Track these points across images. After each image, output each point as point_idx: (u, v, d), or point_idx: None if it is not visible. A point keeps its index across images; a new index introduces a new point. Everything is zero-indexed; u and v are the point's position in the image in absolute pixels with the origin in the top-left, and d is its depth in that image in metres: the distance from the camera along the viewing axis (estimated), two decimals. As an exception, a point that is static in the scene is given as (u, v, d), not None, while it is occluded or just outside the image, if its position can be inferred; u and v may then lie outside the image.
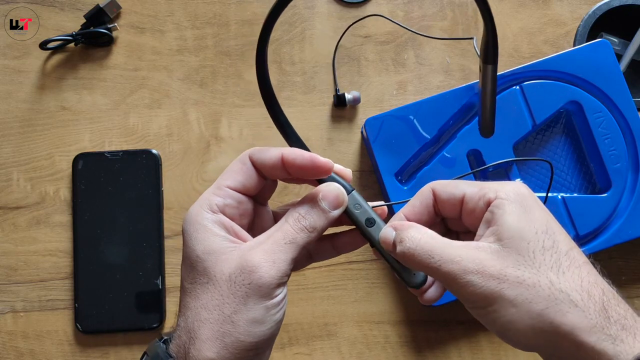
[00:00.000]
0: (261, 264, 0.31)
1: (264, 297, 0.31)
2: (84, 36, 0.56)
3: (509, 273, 0.30)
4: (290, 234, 0.33)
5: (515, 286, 0.29)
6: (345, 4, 0.58)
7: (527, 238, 0.30)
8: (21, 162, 0.56)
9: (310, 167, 0.33)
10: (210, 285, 0.32)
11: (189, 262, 0.33)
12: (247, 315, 0.31)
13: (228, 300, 0.31)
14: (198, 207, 0.33)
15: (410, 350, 0.54)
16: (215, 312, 0.31)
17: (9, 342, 0.54)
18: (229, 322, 0.31)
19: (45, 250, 0.55)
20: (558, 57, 0.52)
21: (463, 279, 0.30)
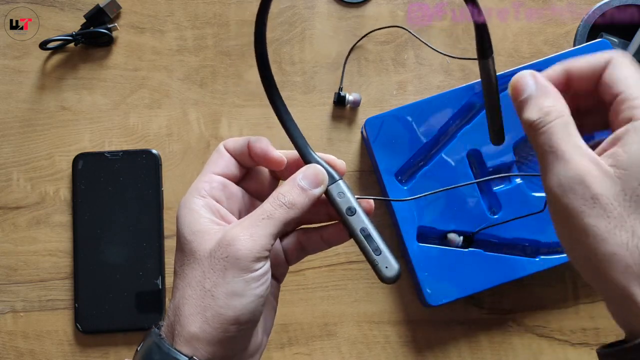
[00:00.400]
0: (239, 237, 0.32)
1: (242, 270, 0.32)
2: (84, 36, 0.56)
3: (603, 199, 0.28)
4: (268, 210, 0.33)
5: (597, 216, 0.28)
6: (345, 4, 0.58)
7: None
8: (21, 162, 0.56)
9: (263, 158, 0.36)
10: (194, 264, 0.33)
11: (179, 245, 0.34)
12: (226, 288, 0.32)
13: (208, 275, 0.32)
14: (188, 194, 0.35)
15: (410, 350, 0.54)
16: (197, 288, 0.32)
17: (9, 342, 0.54)
18: (209, 296, 0.32)
19: (45, 250, 0.55)
20: (558, 57, 0.52)
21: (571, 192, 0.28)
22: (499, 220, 0.51)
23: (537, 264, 0.51)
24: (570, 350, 0.54)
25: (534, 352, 0.54)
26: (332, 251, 0.55)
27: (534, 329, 0.54)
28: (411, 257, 0.51)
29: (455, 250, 0.51)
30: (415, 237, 0.51)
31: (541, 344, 0.54)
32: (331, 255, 0.55)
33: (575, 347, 0.54)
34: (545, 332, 0.54)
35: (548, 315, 0.54)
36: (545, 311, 0.54)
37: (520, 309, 0.55)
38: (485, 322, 0.54)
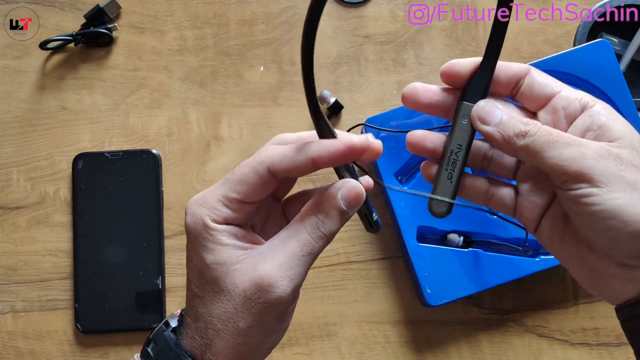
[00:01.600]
0: (278, 283, 0.29)
1: (281, 312, 0.31)
2: (84, 36, 0.56)
3: (627, 159, 0.29)
4: (308, 244, 0.30)
5: (634, 171, 0.29)
6: (345, 4, 0.58)
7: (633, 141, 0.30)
8: (21, 162, 0.56)
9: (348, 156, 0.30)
10: (222, 297, 0.30)
11: (197, 269, 0.31)
12: (263, 329, 0.31)
13: (243, 316, 0.30)
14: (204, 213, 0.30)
15: (410, 350, 0.54)
16: (230, 325, 0.30)
17: (9, 342, 0.54)
18: (243, 335, 0.30)
19: (45, 250, 0.55)
20: (558, 57, 0.52)
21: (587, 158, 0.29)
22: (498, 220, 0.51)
23: (537, 264, 0.51)
24: (570, 350, 0.54)
25: (534, 352, 0.54)
26: (332, 251, 0.55)
27: (534, 329, 0.54)
28: (411, 257, 0.51)
29: (455, 250, 0.51)
30: (415, 237, 0.51)
31: (541, 344, 0.54)
32: (331, 255, 0.55)
33: (575, 347, 0.54)
34: (545, 332, 0.54)
35: (548, 315, 0.54)
36: (545, 311, 0.54)
37: (520, 309, 0.55)
38: (485, 322, 0.54)
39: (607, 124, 0.31)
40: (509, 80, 0.33)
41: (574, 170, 0.29)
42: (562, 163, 0.29)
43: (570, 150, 0.29)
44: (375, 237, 0.55)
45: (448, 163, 0.33)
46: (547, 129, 0.31)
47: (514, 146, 0.31)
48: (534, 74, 0.33)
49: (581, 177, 0.29)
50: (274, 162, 0.30)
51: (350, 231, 0.55)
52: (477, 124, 0.32)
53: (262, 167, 0.30)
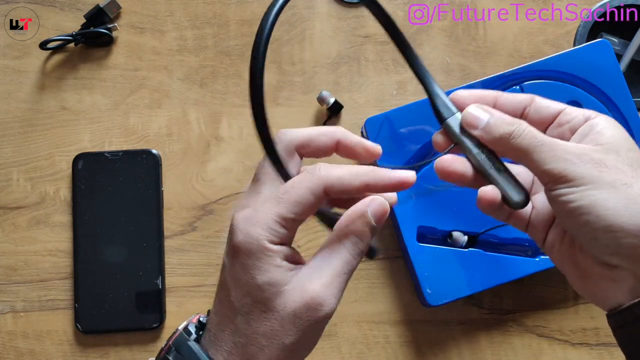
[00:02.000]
0: (327, 301, 0.31)
1: (323, 327, 0.32)
2: (84, 36, 0.56)
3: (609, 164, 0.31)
4: (349, 263, 0.32)
5: (614, 172, 0.30)
6: (345, 4, 0.58)
7: (626, 147, 0.32)
8: (21, 162, 0.56)
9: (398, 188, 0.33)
10: (270, 315, 0.31)
11: (245, 288, 0.31)
12: (306, 343, 0.32)
13: (290, 332, 0.31)
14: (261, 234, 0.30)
15: (410, 350, 0.54)
16: (275, 342, 0.31)
17: (9, 342, 0.54)
18: (287, 350, 0.31)
19: (45, 250, 0.55)
20: (558, 57, 0.52)
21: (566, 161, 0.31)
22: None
23: (537, 264, 0.51)
24: (570, 350, 0.54)
25: (534, 352, 0.54)
26: (332, 251, 0.55)
27: (534, 329, 0.54)
28: (411, 257, 0.51)
29: (455, 250, 0.51)
30: (415, 237, 0.51)
31: (541, 344, 0.54)
32: (331, 255, 0.55)
33: (575, 347, 0.54)
34: (545, 332, 0.54)
35: (548, 315, 0.54)
36: (545, 311, 0.54)
37: (520, 309, 0.55)
38: (485, 322, 0.54)
39: (603, 130, 0.32)
40: (515, 109, 0.35)
41: (556, 172, 0.31)
42: (545, 165, 0.31)
43: (553, 153, 0.31)
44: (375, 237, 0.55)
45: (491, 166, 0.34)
46: (533, 131, 0.32)
47: (502, 147, 0.33)
48: (539, 100, 0.35)
49: (562, 178, 0.31)
50: (331, 184, 0.31)
51: (350, 231, 0.55)
52: (466, 128, 0.34)
53: (319, 188, 0.31)
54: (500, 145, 0.33)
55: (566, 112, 0.34)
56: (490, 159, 0.34)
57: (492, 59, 0.57)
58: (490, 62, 0.57)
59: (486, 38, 0.57)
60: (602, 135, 0.32)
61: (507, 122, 0.33)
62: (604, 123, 0.33)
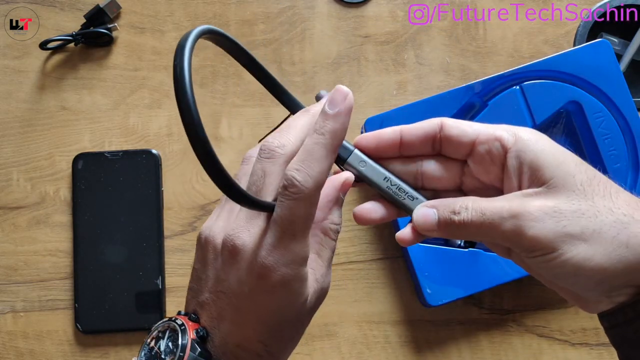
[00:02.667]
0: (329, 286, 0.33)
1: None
2: (84, 36, 0.56)
3: (566, 209, 0.28)
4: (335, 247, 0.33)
5: (577, 220, 0.28)
6: (345, 4, 0.58)
7: (571, 172, 0.29)
8: (21, 162, 0.56)
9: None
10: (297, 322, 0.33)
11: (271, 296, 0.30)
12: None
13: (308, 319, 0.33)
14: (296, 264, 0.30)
15: (410, 350, 0.54)
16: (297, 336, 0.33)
17: (9, 342, 0.54)
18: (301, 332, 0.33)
19: (45, 250, 0.55)
20: (558, 57, 0.52)
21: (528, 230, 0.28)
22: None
23: (537, 264, 0.51)
24: (570, 350, 0.54)
25: (534, 352, 0.54)
26: (332, 251, 0.55)
27: (534, 329, 0.54)
28: (411, 257, 0.51)
29: (455, 250, 0.51)
30: (415, 237, 0.51)
31: (541, 344, 0.54)
32: (331, 255, 0.55)
33: (575, 347, 0.54)
34: (545, 332, 0.54)
35: (548, 315, 0.54)
36: (545, 311, 0.54)
37: (520, 309, 0.55)
38: (485, 322, 0.54)
39: (535, 162, 0.29)
40: (423, 140, 0.32)
41: (523, 244, 0.29)
42: (509, 241, 0.29)
43: (509, 224, 0.29)
44: (375, 237, 0.55)
45: (397, 194, 0.33)
46: (477, 209, 0.30)
47: (458, 234, 0.31)
48: (447, 126, 0.32)
49: (532, 247, 0.29)
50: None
51: (350, 231, 0.55)
52: (427, 235, 0.32)
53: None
54: (459, 236, 0.31)
55: (479, 140, 0.31)
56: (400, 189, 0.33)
57: (492, 59, 0.57)
58: (490, 62, 0.57)
59: (486, 38, 0.57)
60: (540, 169, 0.29)
61: (451, 211, 0.30)
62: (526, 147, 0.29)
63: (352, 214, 0.34)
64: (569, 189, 0.29)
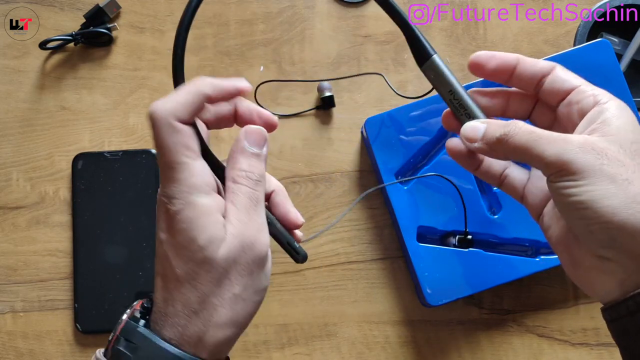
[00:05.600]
0: (258, 239, 0.33)
1: (265, 266, 0.33)
2: (83, 36, 0.56)
3: (611, 155, 0.30)
4: (253, 196, 0.33)
5: (615, 166, 0.30)
6: (345, 3, 0.58)
7: (631, 138, 0.31)
8: (21, 162, 0.56)
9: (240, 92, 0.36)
10: (213, 270, 0.32)
11: (186, 253, 0.31)
12: (253, 287, 0.33)
13: (236, 282, 0.32)
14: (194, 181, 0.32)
15: (410, 350, 0.54)
16: (226, 296, 0.32)
17: (8, 342, 0.54)
18: (240, 300, 0.33)
19: (45, 250, 0.55)
20: (558, 57, 0.52)
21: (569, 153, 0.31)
22: (498, 220, 0.52)
23: (537, 264, 0.51)
24: (570, 350, 0.54)
25: (534, 352, 0.54)
26: (332, 251, 0.55)
27: (534, 329, 0.54)
28: (411, 257, 0.51)
29: (455, 250, 0.51)
30: (415, 237, 0.51)
31: (541, 344, 0.54)
32: (331, 255, 0.55)
33: (575, 347, 0.54)
34: (545, 332, 0.54)
35: (548, 315, 0.54)
36: (545, 311, 0.54)
37: (520, 309, 0.55)
38: (485, 322, 0.54)
39: (609, 119, 0.32)
40: (533, 76, 0.35)
41: (557, 164, 0.31)
42: (546, 159, 0.31)
43: (553, 145, 0.31)
44: (375, 237, 0.55)
45: (458, 109, 0.36)
46: (528, 127, 0.32)
47: (500, 150, 0.33)
48: (558, 71, 0.35)
49: (563, 170, 0.31)
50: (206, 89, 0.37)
51: (350, 231, 0.55)
52: (468, 146, 0.35)
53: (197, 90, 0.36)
54: (500, 148, 0.33)
55: (579, 90, 0.34)
56: (460, 105, 0.36)
57: (492, 59, 0.57)
58: (490, 62, 0.57)
59: (486, 38, 0.57)
60: (607, 125, 0.32)
61: (501, 125, 0.33)
62: (612, 110, 0.32)
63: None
64: (622, 146, 0.31)
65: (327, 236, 0.55)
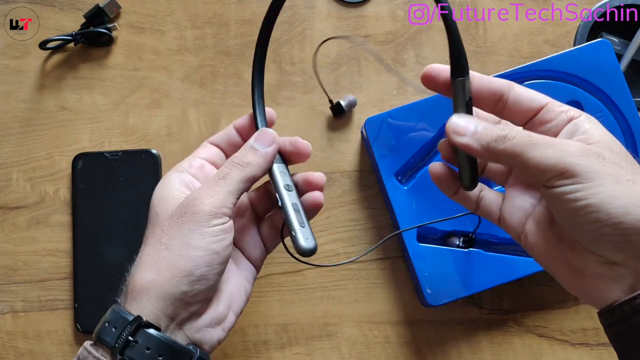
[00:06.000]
0: (198, 197, 0.35)
1: (199, 223, 0.34)
2: (83, 36, 0.56)
3: (609, 159, 0.30)
4: (224, 171, 0.36)
5: (617, 168, 0.30)
6: (345, 3, 0.58)
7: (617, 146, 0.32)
8: (21, 162, 0.56)
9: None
10: (156, 225, 0.36)
11: (149, 213, 0.38)
12: (182, 240, 0.34)
13: (167, 231, 0.35)
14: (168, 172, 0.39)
15: (410, 350, 0.54)
16: (155, 245, 0.35)
17: (8, 342, 0.54)
18: (164, 249, 0.35)
19: (45, 250, 0.55)
20: (558, 57, 0.52)
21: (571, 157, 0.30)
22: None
23: (537, 264, 0.51)
24: (570, 350, 0.54)
25: (534, 352, 0.54)
26: (332, 251, 0.55)
27: (534, 329, 0.54)
28: (411, 257, 0.51)
29: (455, 250, 0.51)
30: (415, 237, 0.51)
31: (541, 344, 0.54)
32: (331, 255, 0.55)
33: (575, 347, 0.54)
34: (546, 332, 0.54)
35: (548, 315, 0.54)
36: (545, 311, 0.54)
37: (520, 309, 0.55)
38: (485, 322, 0.54)
39: (590, 130, 0.32)
40: (493, 94, 0.34)
41: (558, 167, 0.30)
42: (546, 162, 0.30)
43: (553, 149, 0.30)
44: (375, 237, 0.55)
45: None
46: (526, 132, 0.32)
47: (494, 151, 0.32)
48: (518, 89, 0.34)
49: (566, 173, 0.30)
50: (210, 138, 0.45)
51: (350, 231, 0.55)
52: (453, 138, 0.33)
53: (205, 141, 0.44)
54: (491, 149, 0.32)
55: (549, 108, 0.33)
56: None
57: (492, 59, 0.57)
58: (490, 62, 0.57)
59: (486, 38, 0.57)
60: (591, 135, 0.32)
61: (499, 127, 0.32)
62: (589, 123, 0.32)
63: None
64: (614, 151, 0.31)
65: (327, 236, 0.55)
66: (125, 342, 0.33)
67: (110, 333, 0.33)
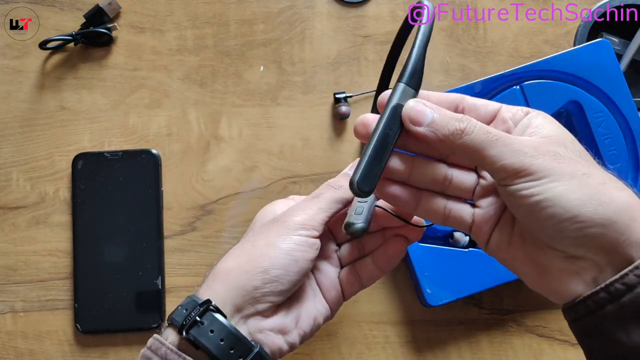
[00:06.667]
0: (291, 211, 0.38)
1: (286, 229, 0.37)
2: (83, 36, 0.56)
3: (564, 155, 0.31)
4: (318, 191, 0.39)
5: (571, 163, 0.30)
6: (345, 3, 0.58)
7: (570, 139, 0.32)
8: (21, 162, 0.56)
9: None
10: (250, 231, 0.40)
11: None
12: (267, 240, 0.37)
13: (257, 234, 0.38)
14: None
15: (410, 350, 0.54)
16: (244, 243, 0.39)
17: (8, 342, 0.54)
18: (250, 245, 0.37)
19: (45, 250, 0.55)
20: (558, 57, 0.52)
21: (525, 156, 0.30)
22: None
23: (537, 264, 0.51)
24: (570, 350, 0.54)
25: (534, 352, 0.54)
26: (332, 251, 0.55)
27: (534, 329, 0.54)
28: (411, 257, 0.51)
29: (455, 250, 0.51)
30: (415, 237, 0.51)
31: (541, 344, 0.54)
32: (331, 255, 0.55)
33: (575, 347, 0.54)
34: (546, 332, 0.54)
35: (548, 315, 0.54)
36: (545, 311, 0.54)
37: (520, 309, 0.55)
38: (485, 322, 0.54)
39: (542, 124, 0.32)
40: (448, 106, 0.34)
41: (514, 167, 0.30)
42: (502, 161, 0.30)
43: (509, 148, 0.30)
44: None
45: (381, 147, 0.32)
46: (484, 127, 0.31)
47: (451, 145, 0.31)
48: (471, 99, 0.35)
49: (521, 172, 0.30)
50: None
51: (350, 231, 0.55)
52: (409, 126, 0.32)
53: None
54: (448, 143, 0.31)
55: (504, 108, 0.34)
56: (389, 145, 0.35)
57: (492, 59, 0.57)
58: (490, 62, 0.57)
59: (486, 38, 0.57)
60: (543, 129, 0.32)
61: (456, 119, 0.31)
62: (542, 117, 0.33)
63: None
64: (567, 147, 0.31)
65: (327, 236, 0.55)
66: (193, 322, 0.35)
67: (181, 314, 0.36)
